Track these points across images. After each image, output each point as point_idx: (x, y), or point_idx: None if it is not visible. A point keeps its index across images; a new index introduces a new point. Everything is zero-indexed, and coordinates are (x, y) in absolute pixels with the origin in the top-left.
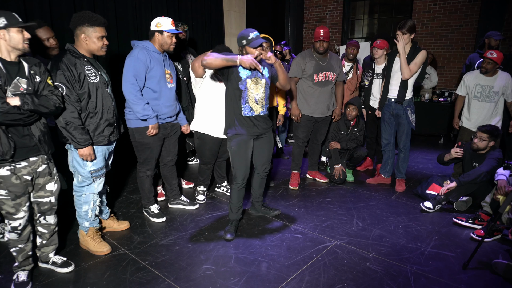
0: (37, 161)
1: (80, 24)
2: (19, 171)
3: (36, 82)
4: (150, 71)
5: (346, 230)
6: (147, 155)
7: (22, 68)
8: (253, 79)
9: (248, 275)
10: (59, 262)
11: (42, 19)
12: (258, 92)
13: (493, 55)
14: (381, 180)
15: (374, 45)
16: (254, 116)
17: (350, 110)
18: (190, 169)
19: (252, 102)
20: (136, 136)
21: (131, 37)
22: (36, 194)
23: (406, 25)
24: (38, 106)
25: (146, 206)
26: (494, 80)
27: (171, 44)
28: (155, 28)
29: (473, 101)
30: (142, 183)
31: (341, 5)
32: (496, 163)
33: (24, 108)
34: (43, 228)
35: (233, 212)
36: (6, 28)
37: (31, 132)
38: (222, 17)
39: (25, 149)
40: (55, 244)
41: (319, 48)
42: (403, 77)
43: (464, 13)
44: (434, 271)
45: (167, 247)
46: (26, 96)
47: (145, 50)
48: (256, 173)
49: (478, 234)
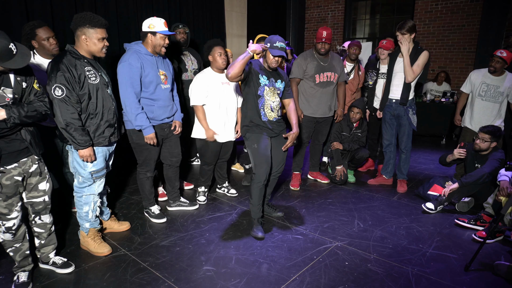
0: (27, 162)
1: (81, 25)
2: (9, 172)
3: (22, 88)
4: (144, 77)
5: (347, 231)
6: (145, 157)
7: (7, 77)
8: (270, 88)
9: (248, 276)
10: (60, 262)
11: (43, 19)
12: (274, 100)
13: (502, 54)
14: (383, 181)
15: (380, 46)
16: (268, 121)
17: (354, 113)
18: (191, 169)
19: (268, 109)
20: (133, 138)
21: (132, 38)
22: (29, 194)
23: (405, 25)
24: (24, 117)
25: (146, 207)
26: (501, 80)
27: (163, 46)
28: (147, 29)
29: (477, 99)
30: (142, 184)
31: (342, 5)
32: (498, 164)
33: (10, 122)
34: (39, 228)
35: (255, 211)
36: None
37: (21, 136)
38: (223, 17)
39: (15, 153)
40: (54, 243)
41: (320, 50)
42: (407, 80)
43: (466, 13)
44: (435, 272)
45: (167, 248)
46: (13, 109)
47: (136, 54)
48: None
49: (480, 235)
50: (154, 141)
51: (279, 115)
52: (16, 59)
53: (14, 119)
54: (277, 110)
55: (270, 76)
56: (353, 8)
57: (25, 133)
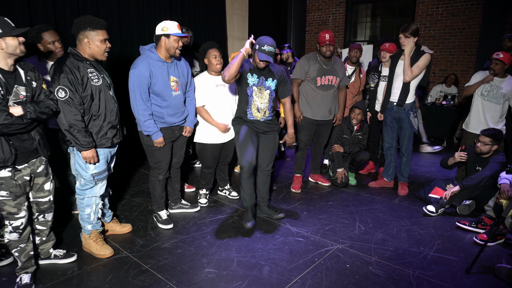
0: (35, 162)
1: (82, 29)
2: (20, 173)
3: (33, 87)
4: (153, 86)
5: (348, 233)
6: (158, 159)
7: (19, 76)
8: (258, 87)
9: (250, 278)
10: (61, 254)
11: (46, 22)
12: (262, 101)
13: (499, 56)
14: (384, 184)
15: (383, 48)
16: (254, 120)
17: (356, 114)
18: (193, 172)
19: (254, 109)
20: (145, 139)
21: (134, 40)
22: (36, 194)
23: (409, 28)
24: (39, 113)
25: (155, 211)
26: (502, 82)
27: (178, 48)
28: (161, 32)
29: (479, 98)
30: (154, 187)
31: (343, 8)
32: (499, 167)
33: (27, 117)
34: (41, 226)
35: (246, 199)
36: (2, 37)
37: (32, 136)
38: (225, 20)
39: (26, 153)
40: (53, 239)
41: (325, 52)
42: (404, 79)
43: (467, 16)
44: (436, 275)
45: (169, 250)
46: (28, 105)
47: (147, 61)
48: (260, 170)
49: (481, 238)
50: (162, 145)
51: (267, 115)
52: (18, 29)
53: (30, 114)
54: (264, 111)
55: (261, 74)
56: (354, 10)
57: (35, 134)
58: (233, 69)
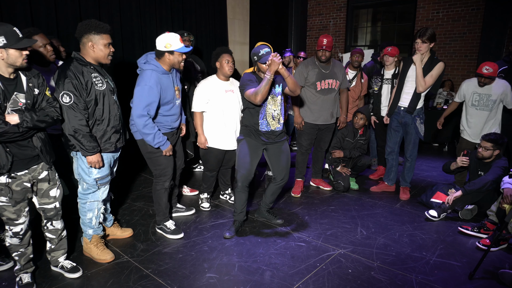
0: (37, 168)
1: (87, 32)
2: (20, 178)
3: (34, 94)
4: (163, 99)
5: (350, 238)
6: (164, 164)
7: (20, 82)
8: (271, 96)
9: (251, 283)
10: (68, 267)
11: (48, 27)
12: (275, 109)
13: (489, 70)
14: (385, 188)
15: (386, 53)
16: (270, 131)
17: (358, 118)
18: (194, 175)
19: (270, 118)
20: (147, 147)
21: (135, 45)
22: (41, 200)
23: (426, 33)
24: (37, 122)
25: (160, 222)
26: (491, 88)
27: (181, 62)
28: (164, 49)
29: (471, 109)
30: (159, 197)
31: (344, 13)
32: (501, 171)
33: (23, 126)
34: (51, 234)
35: (236, 213)
36: (5, 48)
37: (32, 144)
38: (226, 25)
39: (27, 160)
40: (65, 248)
41: (321, 57)
42: (418, 90)
43: (467, 21)
44: (439, 280)
45: (170, 255)
46: (25, 113)
47: (155, 74)
48: (273, 182)
49: (484, 243)
50: (171, 152)
51: (281, 122)
52: (24, 41)
53: (27, 123)
54: (278, 118)
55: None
56: (354, 15)
57: (37, 141)
58: (265, 93)
